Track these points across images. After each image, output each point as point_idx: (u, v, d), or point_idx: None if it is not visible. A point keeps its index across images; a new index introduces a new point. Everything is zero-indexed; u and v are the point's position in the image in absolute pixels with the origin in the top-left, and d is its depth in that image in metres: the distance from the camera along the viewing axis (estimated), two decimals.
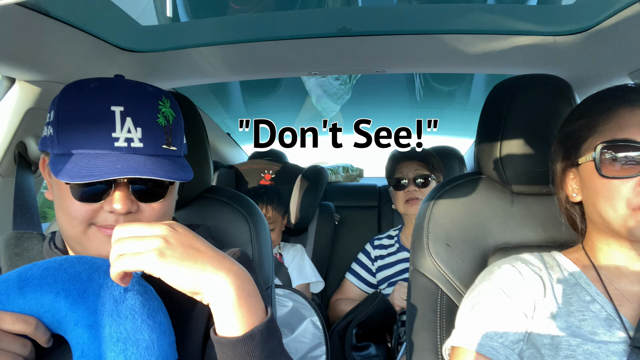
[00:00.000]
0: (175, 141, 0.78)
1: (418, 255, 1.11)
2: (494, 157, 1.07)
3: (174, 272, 0.60)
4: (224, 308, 0.62)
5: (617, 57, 1.24)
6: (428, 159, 1.97)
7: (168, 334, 0.65)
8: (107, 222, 0.73)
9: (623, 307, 0.80)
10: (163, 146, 0.75)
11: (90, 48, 1.18)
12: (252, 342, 0.61)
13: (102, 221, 0.73)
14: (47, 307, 0.62)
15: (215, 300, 0.62)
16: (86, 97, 0.73)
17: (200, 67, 1.50)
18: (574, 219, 0.92)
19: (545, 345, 0.79)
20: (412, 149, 2.00)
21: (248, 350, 0.61)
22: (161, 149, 0.75)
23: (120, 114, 0.72)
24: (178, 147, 0.79)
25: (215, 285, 0.62)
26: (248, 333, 0.61)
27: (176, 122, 0.80)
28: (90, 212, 0.73)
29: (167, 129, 0.77)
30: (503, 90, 1.07)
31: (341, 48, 1.40)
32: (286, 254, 2.07)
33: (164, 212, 0.78)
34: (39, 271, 0.64)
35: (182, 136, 0.83)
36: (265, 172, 2.45)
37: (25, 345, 0.62)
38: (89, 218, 0.73)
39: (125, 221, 0.73)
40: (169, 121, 0.77)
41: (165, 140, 0.76)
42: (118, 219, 0.73)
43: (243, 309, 0.62)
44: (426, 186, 1.93)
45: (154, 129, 0.75)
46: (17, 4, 0.88)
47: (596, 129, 0.81)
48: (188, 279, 0.61)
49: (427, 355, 1.03)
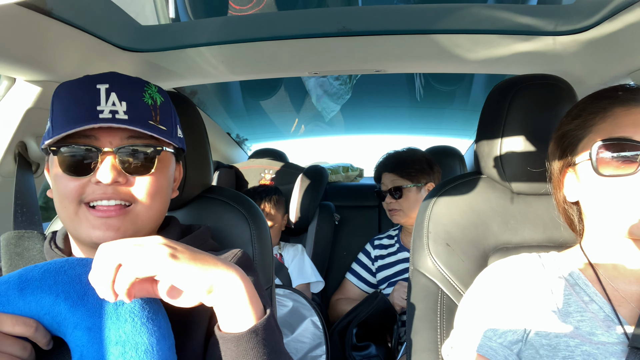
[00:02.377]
0: (165, 122, 0.78)
1: (418, 255, 1.11)
2: (494, 157, 1.07)
3: (188, 272, 0.59)
4: (233, 303, 0.62)
5: (617, 57, 1.24)
6: (402, 168, 1.94)
7: (167, 337, 0.65)
8: (96, 195, 0.73)
9: (621, 307, 0.80)
10: (150, 122, 0.76)
11: (90, 48, 1.18)
12: (255, 338, 0.62)
13: (91, 195, 0.73)
14: (47, 309, 0.62)
15: (226, 296, 0.62)
16: (76, 83, 0.76)
17: (200, 67, 1.50)
18: (572, 219, 0.92)
19: (544, 345, 0.79)
20: (391, 157, 1.99)
21: (252, 345, 0.62)
22: (148, 124, 0.75)
23: (105, 90, 0.74)
24: (170, 129, 0.79)
25: (227, 281, 0.62)
26: (252, 328, 0.62)
27: (165, 106, 0.80)
28: (79, 187, 0.73)
29: (154, 107, 0.78)
30: (503, 90, 1.07)
31: (341, 48, 1.40)
32: (286, 254, 2.07)
33: (155, 190, 0.77)
34: (39, 273, 0.64)
35: (174, 123, 0.83)
36: (265, 172, 2.45)
37: (25, 348, 0.62)
38: (78, 194, 0.73)
39: (113, 193, 0.73)
40: (156, 101, 0.79)
41: (152, 117, 0.76)
42: (106, 190, 0.73)
43: (249, 305, 0.63)
44: (402, 197, 1.92)
45: (139, 105, 0.76)
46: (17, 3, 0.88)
47: (592, 128, 0.81)
48: (201, 276, 0.60)
49: (427, 355, 1.03)
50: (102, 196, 0.73)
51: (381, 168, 2.01)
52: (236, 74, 1.64)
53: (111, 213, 0.73)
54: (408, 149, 2.02)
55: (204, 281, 0.60)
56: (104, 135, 0.74)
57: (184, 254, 0.61)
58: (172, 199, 1.04)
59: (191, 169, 1.06)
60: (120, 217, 0.74)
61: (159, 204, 0.79)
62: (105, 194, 0.73)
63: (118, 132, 0.75)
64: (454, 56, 1.43)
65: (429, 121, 3.04)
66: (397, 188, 1.92)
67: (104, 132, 0.74)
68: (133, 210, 0.76)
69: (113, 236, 0.73)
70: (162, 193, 0.80)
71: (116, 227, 0.74)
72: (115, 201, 0.74)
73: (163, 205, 0.81)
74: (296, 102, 2.59)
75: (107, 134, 0.74)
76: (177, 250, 0.61)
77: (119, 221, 0.74)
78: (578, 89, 1.10)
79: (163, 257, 0.58)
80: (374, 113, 2.88)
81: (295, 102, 2.59)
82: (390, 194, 1.94)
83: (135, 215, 0.76)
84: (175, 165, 0.87)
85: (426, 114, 2.87)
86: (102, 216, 0.73)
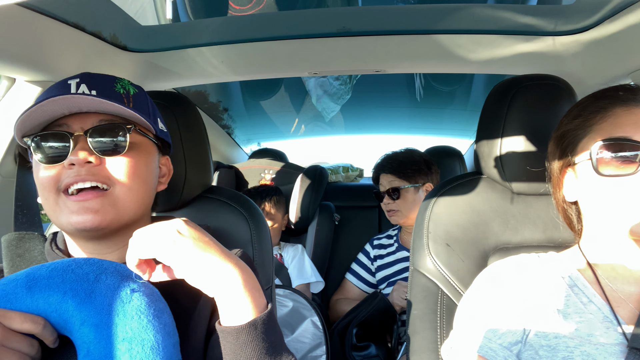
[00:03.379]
0: (139, 110, 0.79)
1: (418, 255, 1.11)
2: (494, 157, 1.07)
3: (186, 259, 0.64)
4: (229, 298, 0.64)
5: (617, 57, 1.24)
6: (400, 169, 1.94)
7: (172, 335, 0.66)
8: (71, 179, 0.73)
9: (620, 308, 0.80)
10: (122, 106, 0.76)
11: (90, 48, 1.18)
12: (254, 331, 0.63)
13: (67, 179, 0.73)
14: (54, 307, 0.63)
15: (222, 290, 0.64)
16: (52, 85, 0.80)
17: (201, 67, 1.50)
18: (571, 219, 0.92)
19: (543, 346, 0.79)
20: (388, 158, 2.00)
21: (251, 339, 0.63)
22: (122, 109, 0.76)
23: (75, 84, 0.77)
24: (144, 117, 0.79)
25: (223, 273, 0.64)
26: (251, 321, 0.63)
27: (139, 96, 0.82)
28: (56, 175, 0.74)
29: (126, 95, 0.79)
30: (503, 90, 1.07)
31: (341, 48, 1.40)
32: (286, 254, 2.07)
33: (133, 172, 0.77)
34: (47, 271, 0.65)
35: (151, 113, 0.83)
36: (265, 172, 2.45)
37: (32, 345, 0.63)
38: (55, 181, 0.74)
39: (87, 175, 0.73)
40: (128, 91, 0.80)
41: (124, 103, 0.77)
42: (79, 172, 0.73)
43: (248, 299, 0.65)
44: (399, 198, 1.92)
45: (110, 92, 0.78)
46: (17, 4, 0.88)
47: (592, 128, 0.81)
48: (198, 266, 0.64)
49: (427, 355, 1.03)
50: (76, 179, 0.73)
51: (379, 169, 2.02)
52: (236, 74, 1.64)
53: (88, 196, 0.73)
54: (405, 150, 2.02)
55: (199, 271, 0.64)
56: (75, 122, 0.75)
57: (187, 241, 0.64)
58: (172, 199, 1.05)
59: (191, 169, 1.06)
60: (98, 200, 0.74)
61: (139, 187, 0.78)
62: (79, 175, 0.73)
63: (89, 117, 0.76)
64: (454, 56, 1.43)
65: (429, 121, 3.04)
66: (394, 189, 1.92)
67: (76, 119, 0.76)
68: (112, 194, 0.75)
69: (92, 219, 0.73)
70: (140, 176, 0.79)
71: (94, 210, 0.73)
72: (90, 183, 0.73)
73: (144, 190, 0.80)
74: (296, 102, 2.59)
75: (79, 120, 0.76)
76: (183, 236, 0.65)
77: (97, 204, 0.73)
78: (578, 89, 1.10)
79: (164, 242, 0.64)
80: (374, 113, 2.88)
81: (296, 102, 2.59)
82: (388, 195, 1.94)
83: (115, 198, 0.75)
84: (159, 157, 0.87)
85: (426, 114, 2.87)
86: (79, 200, 0.73)
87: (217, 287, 0.64)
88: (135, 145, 0.78)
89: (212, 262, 0.64)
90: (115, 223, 0.76)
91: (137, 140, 0.79)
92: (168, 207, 1.07)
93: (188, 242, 0.64)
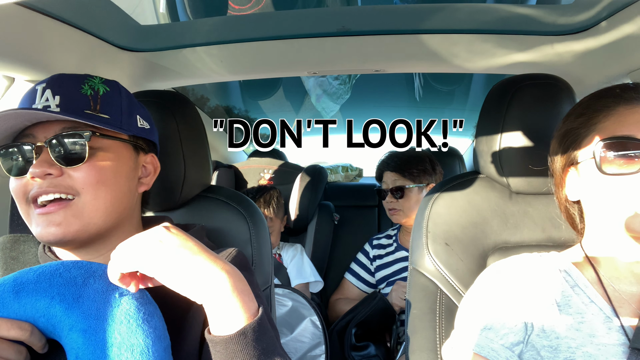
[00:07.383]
0: (108, 111, 0.78)
1: (417, 255, 1.11)
2: (493, 156, 1.07)
3: (168, 270, 0.61)
4: (217, 305, 0.62)
5: (617, 57, 1.24)
6: (405, 168, 1.92)
7: (163, 338, 0.64)
8: (35, 191, 0.73)
9: (622, 308, 0.79)
10: (86, 111, 0.76)
11: (90, 48, 1.18)
12: (244, 340, 0.61)
13: (32, 191, 0.73)
14: (42, 312, 0.62)
15: (209, 298, 0.62)
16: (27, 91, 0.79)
17: (200, 66, 1.50)
18: (574, 218, 0.91)
19: (545, 347, 0.79)
20: (394, 156, 1.98)
21: (240, 348, 0.61)
22: (83, 114, 0.75)
23: (41, 89, 0.76)
24: (115, 117, 0.78)
25: (208, 282, 0.62)
26: (240, 330, 0.61)
27: (109, 95, 0.80)
28: (23, 187, 0.74)
29: (93, 97, 0.78)
30: (503, 89, 1.07)
31: (341, 48, 1.40)
32: (285, 254, 2.07)
33: (96, 180, 0.75)
34: (34, 276, 0.64)
35: (123, 111, 0.81)
36: (264, 171, 2.45)
37: (20, 352, 0.62)
38: (22, 193, 0.74)
39: (49, 187, 0.73)
40: (97, 92, 0.78)
41: (90, 106, 0.76)
42: (41, 184, 0.73)
43: (236, 307, 0.62)
44: (403, 197, 1.91)
45: (74, 96, 0.76)
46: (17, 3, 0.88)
47: (595, 126, 0.81)
48: (182, 276, 0.61)
49: (426, 355, 1.03)
50: (39, 191, 0.73)
51: (383, 166, 1.99)
52: (236, 73, 1.64)
53: (51, 209, 0.73)
54: (411, 148, 2.01)
55: (182, 282, 0.61)
56: (39, 132, 0.75)
57: (169, 250, 0.61)
58: (171, 199, 1.05)
59: (190, 169, 1.06)
60: (60, 212, 0.73)
61: (105, 194, 0.76)
62: (41, 188, 0.73)
63: (52, 126, 0.75)
64: (453, 56, 1.43)
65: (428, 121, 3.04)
66: (398, 188, 1.91)
67: (40, 129, 0.75)
68: (76, 204, 0.74)
69: (54, 232, 0.72)
70: (107, 183, 0.76)
71: (57, 223, 0.72)
72: (53, 195, 0.73)
73: (113, 196, 0.78)
74: (295, 102, 2.59)
75: (43, 129, 0.75)
76: (165, 245, 0.62)
77: (60, 216, 0.73)
78: (577, 89, 1.10)
79: (144, 254, 0.61)
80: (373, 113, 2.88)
81: (295, 102, 2.59)
82: (392, 194, 1.93)
83: (79, 209, 0.74)
84: (138, 156, 0.85)
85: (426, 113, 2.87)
86: (43, 213, 0.73)
87: (204, 293, 0.62)
88: (101, 150, 0.77)
89: (197, 269, 0.62)
90: (82, 233, 0.75)
91: (102, 145, 0.77)
92: (167, 207, 1.07)
93: (170, 250, 0.62)
